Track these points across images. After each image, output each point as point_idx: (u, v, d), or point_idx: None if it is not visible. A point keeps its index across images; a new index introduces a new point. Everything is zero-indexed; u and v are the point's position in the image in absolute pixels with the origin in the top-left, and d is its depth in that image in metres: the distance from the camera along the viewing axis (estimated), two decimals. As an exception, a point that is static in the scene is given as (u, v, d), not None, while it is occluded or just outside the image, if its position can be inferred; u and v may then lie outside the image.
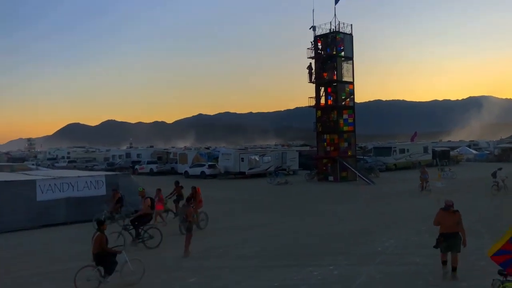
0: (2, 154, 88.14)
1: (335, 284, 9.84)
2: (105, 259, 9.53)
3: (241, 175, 40.80)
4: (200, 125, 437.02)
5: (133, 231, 13.92)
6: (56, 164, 56.60)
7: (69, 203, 18.70)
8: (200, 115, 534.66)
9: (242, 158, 41.41)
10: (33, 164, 43.41)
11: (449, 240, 9.82)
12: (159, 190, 18.19)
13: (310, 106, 38.64)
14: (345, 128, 37.53)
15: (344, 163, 36.33)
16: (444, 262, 10.09)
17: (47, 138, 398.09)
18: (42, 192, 18.30)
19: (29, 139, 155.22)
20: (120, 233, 13.54)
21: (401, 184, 32.31)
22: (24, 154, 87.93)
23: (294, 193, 29.11)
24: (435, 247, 10.06)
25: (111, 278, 9.62)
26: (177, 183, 19.88)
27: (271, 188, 32.67)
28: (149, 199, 14.59)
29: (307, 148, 63.10)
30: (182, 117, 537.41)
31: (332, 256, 12.30)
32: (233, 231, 16.45)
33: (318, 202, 24.52)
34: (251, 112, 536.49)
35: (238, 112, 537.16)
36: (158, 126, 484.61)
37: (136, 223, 13.94)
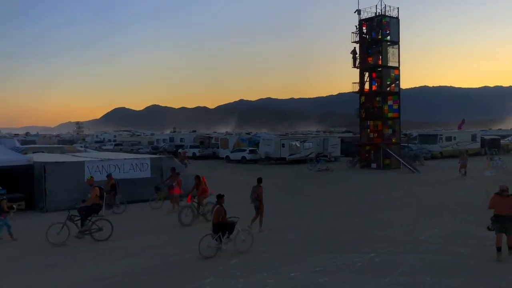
0: (53, 136, 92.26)
1: (376, 271, 9.73)
2: (223, 228, 10.94)
3: (282, 160, 40.81)
4: (242, 110, 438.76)
5: (79, 222, 12.84)
6: (103, 147, 58.61)
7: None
8: (241, 100, 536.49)
9: (283, 144, 41.36)
10: (81, 147, 45.00)
11: (503, 222, 10.11)
12: (177, 174, 18.04)
13: (353, 92, 37.93)
14: (390, 115, 36.64)
15: (388, 150, 35.57)
16: (499, 248, 10.10)
17: (94, 122, 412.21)
18: (90, 173, 19.01)
19: (77, 123, 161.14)
20: (65, 224, 12.45)
21: (447, 173, 31.30)
22: (73, 137, 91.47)
23: (335, 179, 28.85)
24: (489, 228, 10.35)
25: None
26: (173, 169, 18.88)
27: (311, 174, 32.52)
28: (97, 188, 13.35)
29: (350, 134, 62.17)
30: (224, 103, 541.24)
31: (373, 243, 12.14)
32: (274, 216, 16.45)
33: (360, 189, 24.21)
34: (292, 98, 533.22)
35: (279, 98, 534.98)
36: (201, 111, 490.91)
37: (84, 213, 12.84)
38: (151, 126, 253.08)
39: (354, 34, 37.40)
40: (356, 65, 37.51)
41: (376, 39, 36.60)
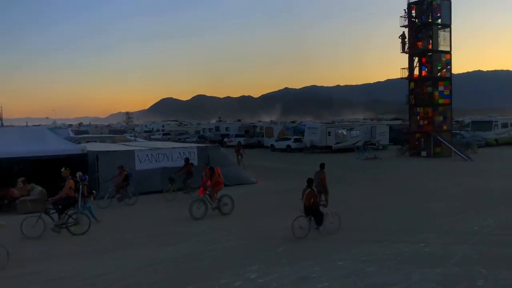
0: (104, 126, 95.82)
1: (426, 261, 9.46)
2: (314, 211, 11.57)
3: (328, 149, 40.37)
4: (286, 99, 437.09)
5: (55, 215, 12.63)
6: (152, 136, 60.25)
7: (164, 172, 19.83)
8: (286, 89, 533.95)
9: (329, 132, 40.87)
10: (131, 136, 46.44)
11: None
12: (205, 165, 17.71)
13: (402, 78, 36.81)
14: (441, 101, 35.31)
15: (439, 137, 34.35)
16: None
17: (143, 112, 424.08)
18: (140, 162, 19.64)
19: (127, 113, 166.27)
20: (40, 217, 12.27)
21: (502, 161, 29.88)
22: (123, 127, 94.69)
23: (383, 168, 28.23)
24: None
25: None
26: (187, 160, 19.03)
27: (359, 163, 31.97)
28: (71, 181, 12.95)
29: (399, 122, 60.53)
30: (268, 91, 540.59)
31: (423, 233, 11.81)
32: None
33: (410, 178, 23.55)
34: (338, 85, 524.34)
35: (325, 85, 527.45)
36: (245, 101, 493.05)
37: (60, 206, 12.62)
38: (197, 116, 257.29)
39: (402, 18, 36.19)
40: (405, 50, 36.33)
41: (426, 22, 35.24)
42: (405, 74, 36.56)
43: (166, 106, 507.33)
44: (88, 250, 11.10)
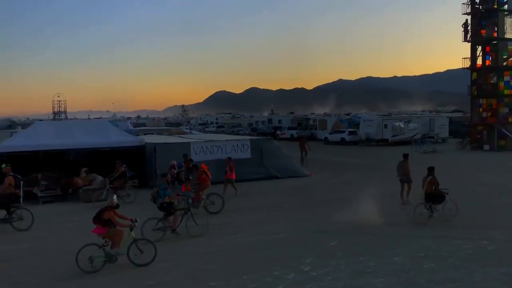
0: (161, 119, 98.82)
1: (489, 259, 9.02)
2: (434, 198, 12.09)
3: (384, 142, 39.35)
4: (340, 90, 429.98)
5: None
6: (206, 129, 61.40)
7: (218, 164, 20.14)
8: (340, 80, 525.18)
9: (385, 125, 39.81)
10: (187, 129, 47.62)
11: None
12: (229, 159, 17.61)
13: (464, 68, 35.10)
14: (506, 92, 33.28)
15: (503, 130, 32.50)
16: None
17: (198, 105, 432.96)
18: (196, 154, 20.05)
19: (183, 106, 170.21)
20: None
21: None
22: (179, 119, 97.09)
23: (443, 162, 27.08)
24: None
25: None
26: (185, 155, 17.93)
27: (417, 156, 30.82)
28: (11, 177, 12.66)
29: (459, 114, 57.87)
30: (322, 83, 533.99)
31: (487, 230, 11.27)
32: (379, 198, 15.89)
33: (472, 172, 22.49)
34: (395, 76, 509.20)
35: (381, 76, 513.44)
36: (298, 93, 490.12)
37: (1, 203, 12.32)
38: (250, 109, 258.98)
39: (465, 5, 34.41)
40: (468, 39, 34.55)
41: (491, 9, 33.28)
42: (467, 64, 34.81)
43: (220, 99, 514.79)
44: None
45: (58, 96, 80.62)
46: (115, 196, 9.66)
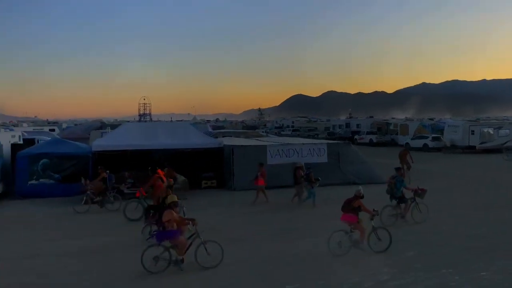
0: (238, 122, 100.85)
1: None
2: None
3: (470, 149, 36.99)
4: (423, 94, 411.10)
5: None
6: (282, 132, 61.60)
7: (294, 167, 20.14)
8: (423, 84, 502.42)
9: (473, 131, 37.43)
10: (263, 132, 48.10)
11: None
12: (260, 165, 17.14)
13: None
14: None
15: None
16: None
17: (274, 109, 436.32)
18: (272, 157, 20.23)
19: (259, 109, 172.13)
20: None
21: None
22: (255, 123, 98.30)
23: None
24: None
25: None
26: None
27: (508, 165, 28.70)
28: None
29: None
30: (404, 87, 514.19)
31: None
32: (460, 210, 15.01)
33: None
34: (484, 80, 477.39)
35: (468, 80, 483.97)
36: (378, 96, 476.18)
37: None
38: (326, 112, 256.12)
39: None
40: None
41: None
42: None
43: (296, 102, 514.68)
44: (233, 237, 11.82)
45: (144, 99, 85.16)
46: (360, 187, 10.65)
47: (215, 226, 12.42)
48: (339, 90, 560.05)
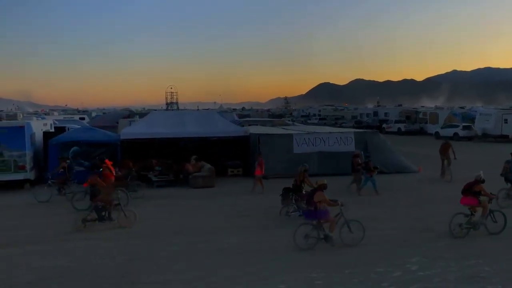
0: (264, 111, 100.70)
1: None
2: None
3: (503, 138, 35.96)
4: (454, 82, 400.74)
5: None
6: (308, 121, 61.22)
7: (321, 156, 20.03)
8: (454, 71, 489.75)
9: (506, 120, 36.36)
10: (289, 120, 47.90)
11: None
12: (258, 155, 17.01)
13: None
14: None
15: None
16: None
17: (300, 97, 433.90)
18: (298, 145, 20.15)
19: (285, 98, 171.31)
20: None
21: None
22: (281, 111, 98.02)
23: None
24: None
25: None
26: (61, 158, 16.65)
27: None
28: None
29: None
30: (433, 75, 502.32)
31: None
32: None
33: None
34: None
35: (501, 67, 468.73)
36: (407, 84, 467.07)
37: None
38: (353, 101, 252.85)
39: None
40: None
41: None
42: None
43: (323, 90, 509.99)
44: (252, 225, 11.87)
45: (171, 88, 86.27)
46: (481, 171, 10.81)
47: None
48: (367, 78, 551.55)
